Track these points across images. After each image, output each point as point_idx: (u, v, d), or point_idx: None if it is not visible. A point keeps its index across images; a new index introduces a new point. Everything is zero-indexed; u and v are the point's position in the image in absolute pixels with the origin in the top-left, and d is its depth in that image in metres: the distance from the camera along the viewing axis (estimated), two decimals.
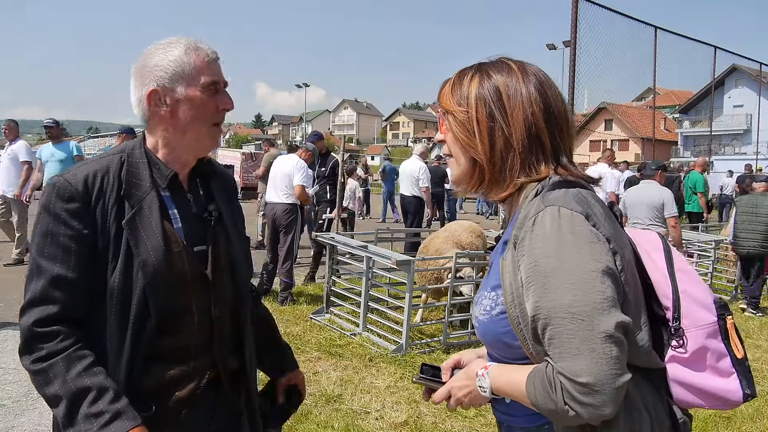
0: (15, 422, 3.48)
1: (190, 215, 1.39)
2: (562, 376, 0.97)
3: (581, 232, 1.02)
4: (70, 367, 1.22)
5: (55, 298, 1.24)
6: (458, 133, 1.16)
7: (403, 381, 4.23)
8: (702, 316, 1.16)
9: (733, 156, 33.14)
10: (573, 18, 8.03)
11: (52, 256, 1.24)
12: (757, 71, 17.72)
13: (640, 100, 47.45)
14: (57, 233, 1.25)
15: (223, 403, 1.45)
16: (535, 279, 1.02)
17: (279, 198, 6.44)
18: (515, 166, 1.13)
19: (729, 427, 3.74)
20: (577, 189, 1.10)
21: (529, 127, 1.11)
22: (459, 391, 1.21)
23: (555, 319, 0.99)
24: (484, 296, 1.16)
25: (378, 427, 3.52)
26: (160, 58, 1.33)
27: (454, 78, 1.21)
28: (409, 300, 4.83)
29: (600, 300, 0.97)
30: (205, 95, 1.34)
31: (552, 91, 1.16)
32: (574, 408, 0.97)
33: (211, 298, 1.39)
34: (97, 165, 1.32)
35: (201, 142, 1.39)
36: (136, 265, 1.26)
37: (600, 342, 0.96)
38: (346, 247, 5.58)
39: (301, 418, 3.56)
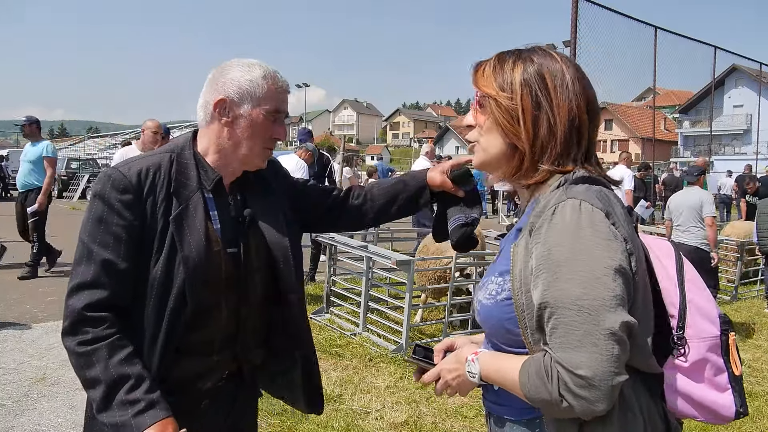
0: (15, 422, 3.48)
1: (228, 218, 1.46)
2: (561, 366, 0.97)
3: (600, 228, 1.01)
4: (113, 353, 1.27)
5: (105, 284, 1.30)
6: (500, 118, 1.13)
7: (403, 381, 4.23)
8: (706, 329, 1.15)
9: (733, 156, 33.15)
10: (573, 18, 8.03)
11: (104, 243, 1.31)
12: (757, 71, 17.72)
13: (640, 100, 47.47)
14: (110, 222, 1.31)
15: (242, 396, 1.52)
16: (546, 267, 1.01)
17: None
18: (553, 155, 1.12)
19: (729, 427, 3.73)
20: (599, 187, 1.09)
21: (573, 118, 1.11)
22: (448, 374, 1.21)
23: (561, 309, 0.98)
24: (490, 281, 1.15)
25: (378, 427, 3.52)
26: (240, 75, 1.41)
27: (493, 61, 1.18)
28: (409, 300, 4.83)
29: (609, 297, 0.97)
30: (267, 120, 1.42)
31: (590, 85, 1.16)
32: (568, 400, 0.96)
33: (241, 297, 1.45)
34: (150, 161, 1.39)
35: (250, 158, 1.45)
36: (178, 260, 1.33)
37: (603, 338, 0.95)
38: (346, 247, 5.58)
39: (301, 418, 3.56)
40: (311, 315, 5.77)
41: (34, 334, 5.12)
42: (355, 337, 5.13)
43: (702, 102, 38.93)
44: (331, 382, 4.14)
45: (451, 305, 5.22)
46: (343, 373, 4.37)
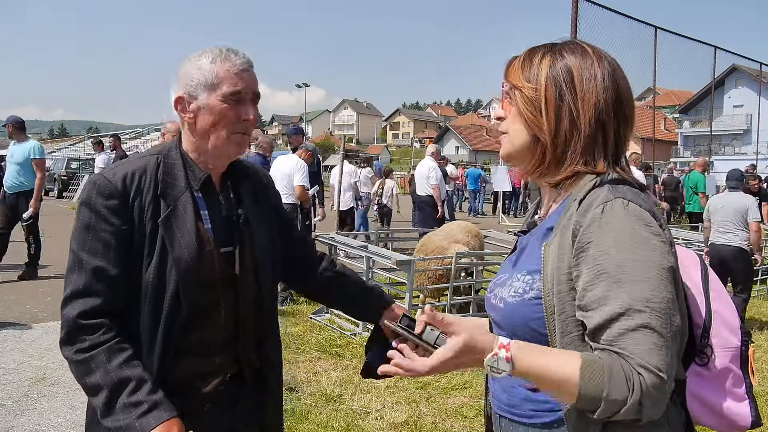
0: (15, 422, 3.48)
1: (219, 217, 1.44)
2: (645, 369, 0.93)
3: (653, 230, 1.00)
4: (111, 358, 1.27)
5: (98, 291, 1.29)
6: (524, 109, 1.13)
7: (403, 381, 4.22)
8: (729, 339, 1.15)
9: (733, 156, 33.14)
10: (573, 18, 8.02)
11: (94, 251, 1.30)
12: (757, 71, 17.72)
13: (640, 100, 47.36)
14: (98, 228, 1.30)
15: (244, 399, 1.50)
16: (607, 268, 0.98)
17: None
18: (577, 150, 1.10)
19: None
20: (637, 191, 1.07)
21: (599, 114, 1.09)
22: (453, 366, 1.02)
23: (632, 311, 0.95)
24: (516, 278, 1.12)
25: (378, 427, 3.52)
26: (190, 66, 1.38)
27: (523, 55, 1.18)
28: (409, 300, 4.83)
29: (671, 298, 0.97)
30: (226, 104, 1.37)
31: (624, 80, 1.14)
32: (646, 402, 0.93)
33: (238, 297, 1.44)
34: (135, 164, 1.37)
35: (222, 149, 1.41)
36: (170, 262, 1.32)
37: (671, 340, 0.95)
38: (346, 247, 5.57)
39: (301, 418, 3.56)
40: (311, 315, 5.77)
41: (34, 334, 5.12)
42: (355, 337, 5.13)
43: (702, 102, 38.92)
44: (331, 382, 4.14)
45: (451, 305, 5.22)
46: (343, 373, 4.36)
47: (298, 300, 6.44)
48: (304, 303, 6.35)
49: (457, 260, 5.07)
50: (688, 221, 11.96)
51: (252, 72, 1.42)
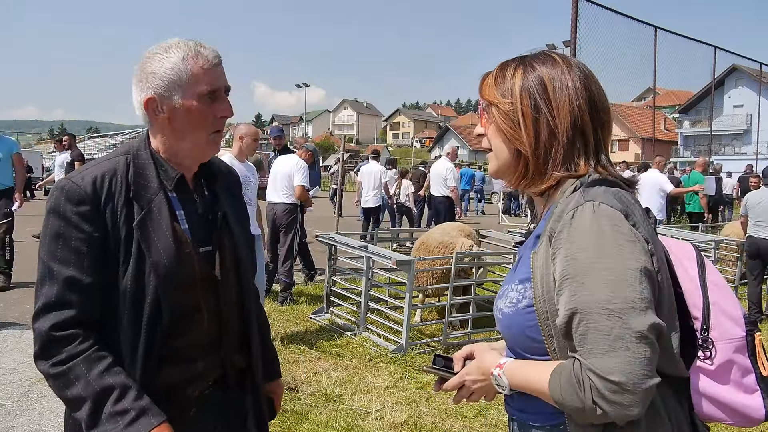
0: (15, 422, 3.48)
1: (196, 216, 1.40)
2: (593, 373, 0.96)
3: (621, 230, 1.00)
4: (91, 367, 1.22)
5: (71, 302, 1.24)
6: (502, 124, 1.15)
7: (403, 381, 4.22)
8: (731, 330, 1.14)
9: (733, 156, 33.14)
10: (573, 18, 8.03)
11: (65, 260, 1.24)
12: (757, 71, 17.71)
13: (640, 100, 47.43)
14: (69, 236, 1.24)
15: (229, 403, 1.46)
16: (571, 272, 1.00)
17: (279, 198, 6.44)
18: (558, 158, 1.12)
19: (729, 426, 3.72)
20: (616, 188, 1.09)
21: (575, 120, 1.11)
22: (473, 384, 1.22)
23: (591, 314, 0.97)
24: (510, 288, 1.15)
25: (378, 427, 3.52)
26: (158, 65, 1.31)
27: (496, 70, 1.20)
28: (409, 300, 4.83)
29: (638, 299, 0.96)
30: (203, 104, 1.32)
31: (596, 85, 1.15)
32: (602, 406, 0.95)
33: (220, 298, 1.40)
34: (104, 167, 1.31)
35: (200, 149, 1.38)
36: (148, 267, 1.27)
37: (634, 341, 0.94)
38: (346, 247, 5.58)
39: (301, 418, 3.56)
40: (311, 315, 5.77)
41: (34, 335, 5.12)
42: (355, 337, 5.13)
43: (702, 102, 38.89)
44: (331, 382, 4.14)
45: (451, 305, 5.22)
46: (343, 373, 4.36)
47: (298, 300, 6.44)
48: (304, 303, 6.35)
49: (457, 260, 5.07)
50: (689, 221, 11.95)
51: (222, 66, 1.37)
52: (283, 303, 6.21)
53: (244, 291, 1.47)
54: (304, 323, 5.58)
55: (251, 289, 1.52)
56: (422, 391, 4.06)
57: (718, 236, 7.93)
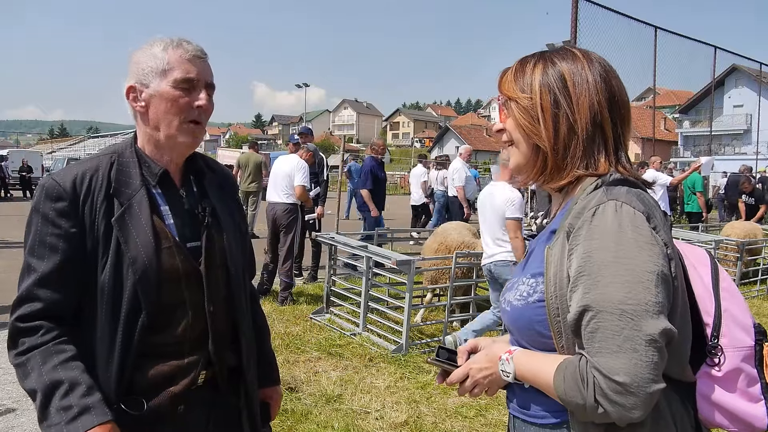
0: (15, 422, 3.49)
1: (182, 211, 1.40)
2: (597, 371, 0.96)
3: (642, 232, 1.00)
4: (46, 360, 1.23)
5: (39, 296, 1.26)
6: (521, 119, 1.15)
7: (403, 381, 4.22)
8: (741, 338, 1.14)
9: (733, 156, 33.12)
10: (573, 18, 8.03)
11: (40, 255, 1.27)
12: (757, 71, 17.72)
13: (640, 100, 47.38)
14: (45, 233, 1.27)
15: (221, 402, 1.45)
16: (587, 270, 1.00)
17: (279, 198, 6.45)
18: (577, 154, 1.11)
19: None
20: (638, 190, 1.08)
21: (594, 115, 1.10)
22: (478, 373, 1.19)
23: (603, 313, 0.97)
24: (521, 282, 1.14)
25: (378, 427, 3.52)
26: (141, 55, 1.36)
27: (515, 66, 1.19)
28: (409, 300, 4.82)
29: (652, 302, 0.96)
30: (177, 91, 1.33)
31: (616, 80, 1.15)
32: (604, 405, 0.96)
33: (205, 294, 1.39)
34: (86, 165, 1.34)
35: (175, 138, 1.36)
36: (126, 262, 1.28)
37: (643, 344, 0.94)
38: (346, 247, 5.57)
39: (301, 418, 3.56)
40: (311, 315, 5.77)
41: None
42: (355, 337, 5.13)
43: (702, 102, 38.89)
44: (331, 382, 4.14)
45: (451, 304, 5.22)
46: (343, 373, 4.36)
47: (298, 300, 6.44)
48: (304, 303, 6.35)
49: (457, 260, 5.07)
50: (688, 221, 11.95)
51: (206, 61, 1.39)
52: (283, 303, 6.21)
53: (233, 287, 1.45)
54: (304, 323, 5.58)
55: (242, 284, 1.50)
56: (422, 391, 4.06)
57: (718, 236, 7.93)
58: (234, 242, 1.47)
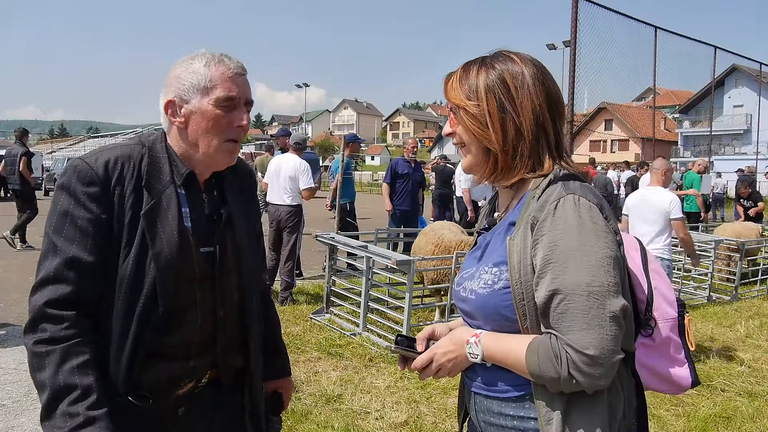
0: (15, 422, 3.49)
1: (201, 215, 1.40)
2: (570, 347, 1.07)
3: (598, 221, 1.12)
4: (65, 360, 1.22)
5: (69, 279, 1.24)
6: (471, 125, 1.22)
7: (403, 381, 4.23)
8: (668, 311, 1.31)
9: (733, 156, 33.14)
10: (573, 18, 8.03)
11: (70, 237, 1.25)
12: (757, 71, 17.72)
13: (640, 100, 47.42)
14: (76, 215, 1.26)
15: (225, 402, 1.46)
16: (555, 258, 1.10)
17: (282, 200, 6.46)
18: (525, 153, 1.20)
19: (729, 427, 3.73)
20: (587, 184, 1.20)
21: (537, 117, 1.20)
22: (443, 356, 1.26)
23: (573, 295, 1.08)
24: (484, 271, 1.22)
25: (378, 427, 3.52)
26: (182, 70, 1.35)
27: (459, 72, 1.26)
28: (409, 300, 4.83)
29: (613, 283, 1.09)
30: (218, 110, 1.33)
31: (549, 77, 1.24)
32: (577, 377, 1.08)
33: (216, 298, 1.39)
34: (119, 151, 1.33)
35: (212, 156, 1.37)
36: (150, 256, 1.27)
37: (608, 320, 1.07)
38: (346, 247, 5.58)
39: (301, 418, 3.56)
40: (311, 315, 5.77)
41: None
42: (355, 337, 5.13)
43: (702, 102, 38.89)
44: (331, 382, 4.14)
45: (451, 304, 5.22)
46: (343, 373, 4.36)
47: (298, 300, 6.44)
48: (304, 303, 6.36)
49: (457, 260, 5.07)
50: (687, 221, 11.94)
51: (246, 78, 1.39)
52: (283, 303, 6.22)
53: (244, 291, 1.46)
54: (304, 323, 5.58)
55: (254, 289, 1.51)
56: (422, 391, 4.06)
57: (718, 236, 7.93)
58: (248, 246, 1.47)
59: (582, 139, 41.30)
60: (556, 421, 1.12)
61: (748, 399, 4.17)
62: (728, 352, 5.24)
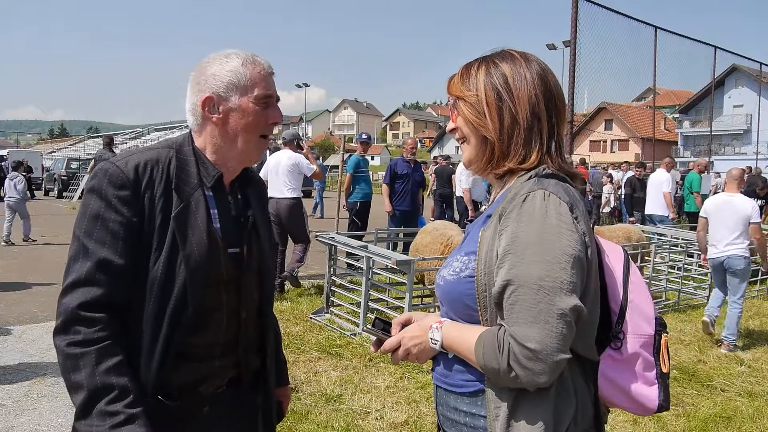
0: (15, 422, 3.49)
1: (228, 217, 1.43)
2: (513, 339, 1.08)
3: (564, 219, 1.12)
4: (101, 361, 1.23)
5: (101, 282, 1.26)
6: (469, 115, 1.26)
7: (403, 381, 4.23)
8: (643, 327, 1.25)
9: (733, 156, 33.13)
10: (573, 18, 8.04)
11: (101, 240, 1.27)
12: (757, 71, 17.72)
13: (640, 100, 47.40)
14: (107, 218, 1.27)
15: (242, 402, 1.49)
16: (513, 249, 1.11)
17: (283, 193, 6.63)
18: (519, 142, 1.23)
19: (729, 427, 3.73)
20: (567, 185, 1.20)
21: (533, 107, 1.23)
22: (410, 341, 1.29)
23: (523, 287, 1.08)
24: (456, 259, 1.25)
25: (378, 427, 3.52)
26: (218, 68, 1.38)
27: (461, 70, 1.31)
28: (409, 300, 4.83)
29: (567, 281, 1.08)
30: (258, 107, 1.39)
31: (551, 76, 1.27)
32: (516, 370, 1.08)
33: (241, 299, 1.43)
34: (148, 155, 1.35)
35: (248, 152, 1.42)
36: (180, 259, 1.30)
37: (555, 317, 1.06)
38: (346, 246, 5.58)
39: (301, 418, 3.56)
40: (311, 315, 5.77)
41: (34, 334, 5.12)
42: (355, 337, 5.13)
43: (702, 102, 38.89)
44: (331, 382, 4.14)
45: None
46: (343, 373, 4.37)
47: (298, 300, 6.45)
48: (304, 303, 6.36)
49: None
50: (688, 221, 11.94)
51: (273, 77, 1.46)
52: (292, 272, 6.45)
53: (264, 294, 1.51)
54: (304, 323, 5.58)
55: (272, 292, 1.56)
56: (422, 391, 4.06)
57: None
58: (268, 250, 1.51)
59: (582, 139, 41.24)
60: (503, 417, 1.13)
61: (748, 399, 4.17)
62: (728, 352, 5.24)
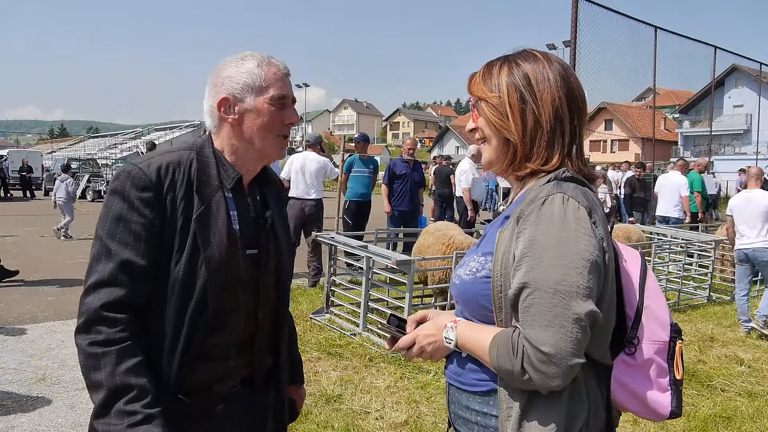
0: (15, 422, 3.49)
1: (247, 218, 1.44)
2: (527, 341, 1.08)
3: (583, 224, 1.11)
4: (121, 361, 1.25)
5: (123, 282, 1.28)
6: (492, 116, 1.25)
7: (403, 381, 4.23)
8: (657, 333, 1.25)
9: (733, 156, 33.14)
10: (573, 18, 8.03)
11: (123, 241, 1.29)
12: (757, 71, 17.72)
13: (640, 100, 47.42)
14: (130, 219, 1.29)
15: (254, 401, 1.51)
16: (531, 252, 1.11)
17: (309, 195, 7.12)
18: (542, 145, 1.22)
19: (729, 427, 3.73)
20: (586, 188, 1.20)
21: (556, 110, 1.22)
22: (424, 339, 1.29)
23: (539, 290, 1.08)
24: (472, 259, 1.25)
25: (378, 427, 3.52)
26: (234, 70, 1.40)
27: (483, 69, 1.30)
28: (409, 300, 4.83)
29: (584, 286, 1.08)
30: (273, 107, 1.40)
31: (573, 77, 1.26)
32: (529, 372, 1.08)
33: (259, 300, 1.44)
34: (169, 158, 1.37)
35: (266, 151, 1.44)
36: (201, 260, 1.31)
37: (570, 322, 1.06)
38: (346, 246, 5.58)
39: (301, 418, 3.55)
40: (311, 315, 5.77)
41: (34, 334, 5.13)
42: (355, 337, 5.13)
43: (702, 102, 38.88)
44: (331, 382, 4.14)
45: (452, 303, 5.22)
46: (343, 373, 4.37)
47: (298, 300, 6.45)
48: (304, 303, 6.35)
49: (457, 260, 5.07)
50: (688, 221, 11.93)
51: (289, 78, 1.46)
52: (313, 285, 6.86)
53: (281, 295, 1.52)
54: (304, 323, 5.58)
55: (288, 292, 1.58)
56: (422, 391, 4.06)
57: (719, 237, 7.92)
58: (286, 252, 1.53)
59: None
60: (515, 417, 1.13)
61: (748, 399, 4.17)
62: (728, 352, 5.24)
